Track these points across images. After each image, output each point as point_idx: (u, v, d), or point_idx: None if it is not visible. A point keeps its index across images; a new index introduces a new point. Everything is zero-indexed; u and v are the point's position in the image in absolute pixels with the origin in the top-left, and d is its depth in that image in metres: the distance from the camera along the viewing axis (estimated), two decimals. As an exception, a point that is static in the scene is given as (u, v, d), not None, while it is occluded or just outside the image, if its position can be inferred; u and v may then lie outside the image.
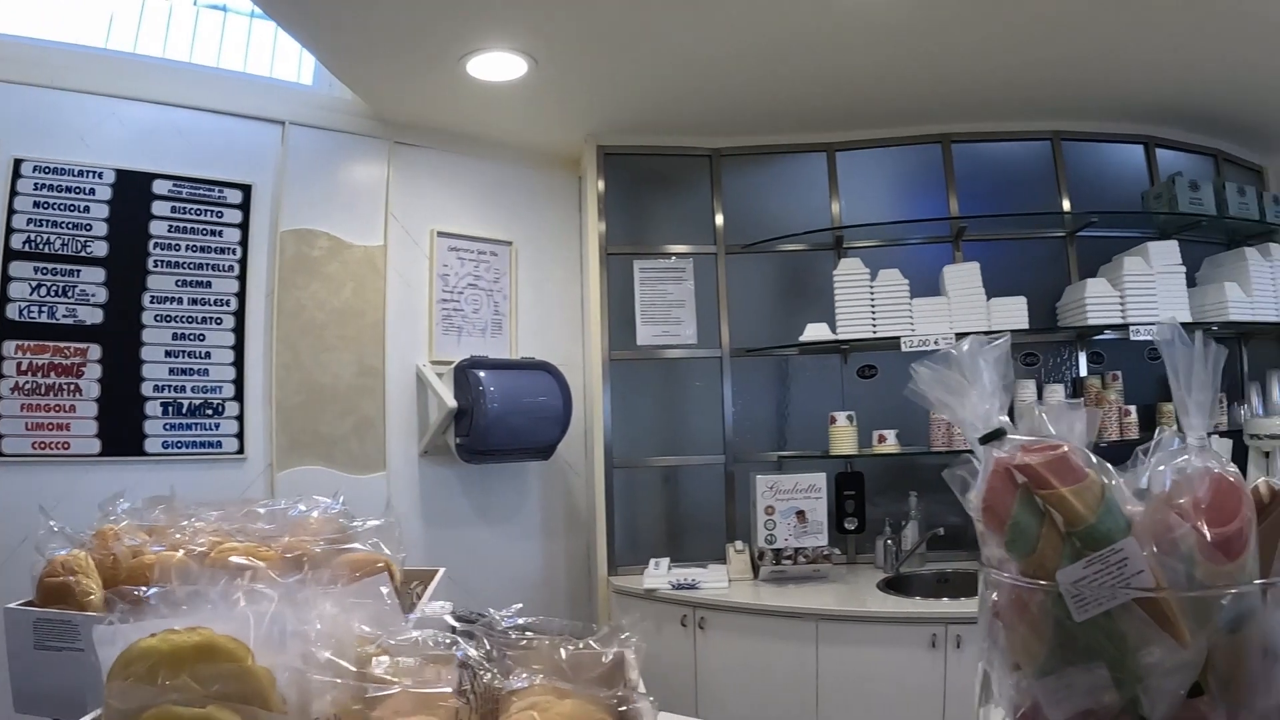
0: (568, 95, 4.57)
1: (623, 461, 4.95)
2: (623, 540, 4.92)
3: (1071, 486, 0.84)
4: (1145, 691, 0.81)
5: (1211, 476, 0.85)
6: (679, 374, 5.10)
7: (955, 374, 0.95)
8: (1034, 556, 0.85)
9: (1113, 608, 0.81)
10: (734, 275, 5.01)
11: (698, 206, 5.10)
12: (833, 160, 5.04)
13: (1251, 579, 0.83)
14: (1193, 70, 4.59)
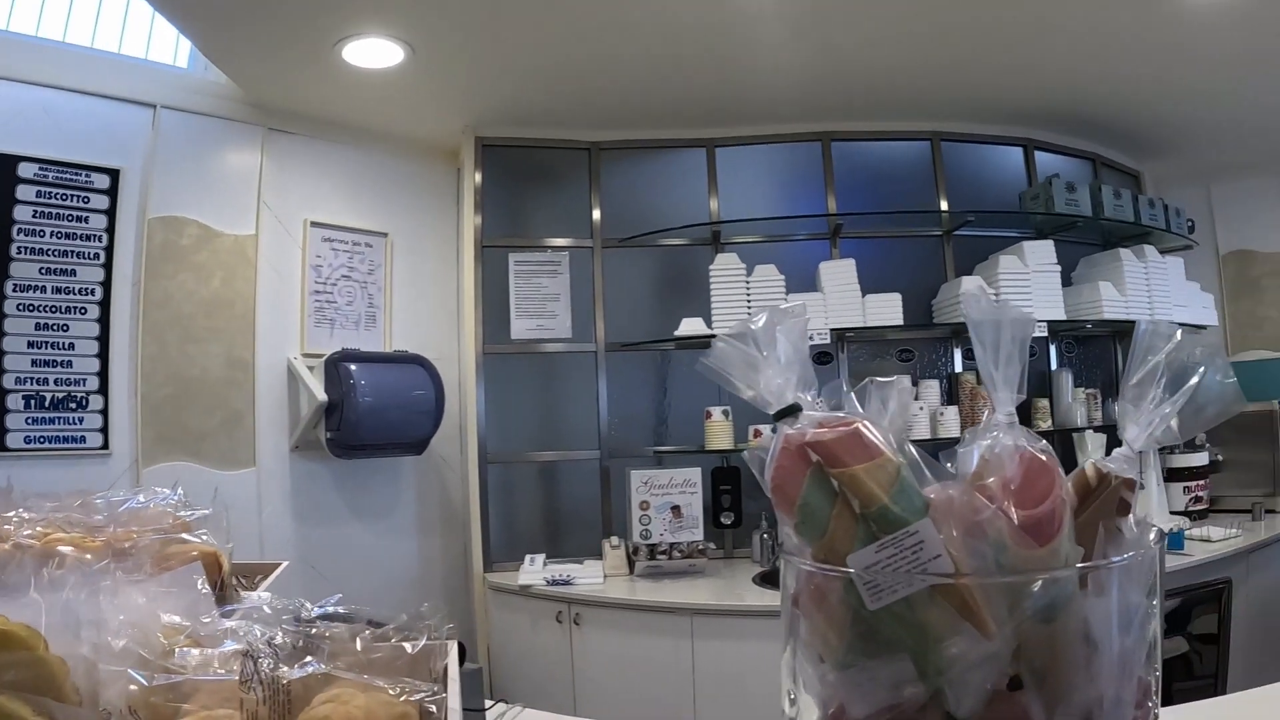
0: (446, 85, 4.49)
1: (498, 457, 4.87)
2: (499, 537, 4.84)
3: (864, 464, 0.78)
4: (949, 685, 0.76)
5: (1022, 456, 0.80)
6: (555, 368, 5.05)
7: (752, 349, 0.89)
8: (825, 540, 0.79)
9: (912, 596, 0.76)
10: (611, 270, 4.97)
11: (576, 200, 5.05)
12: (712, 156, 5.03)
13: (1067, 565, 0.78)
14: (1071, 77, 4.68)
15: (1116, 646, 0.78)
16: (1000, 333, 0.83)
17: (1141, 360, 0.89)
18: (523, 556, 4.62)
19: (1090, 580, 0.78)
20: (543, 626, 4.28)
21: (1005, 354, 0.83)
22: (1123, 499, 0.85)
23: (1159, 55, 4.52)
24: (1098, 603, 0.78)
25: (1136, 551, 0.81)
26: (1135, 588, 0.80)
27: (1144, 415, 0.88)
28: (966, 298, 0.88)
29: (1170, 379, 0.88)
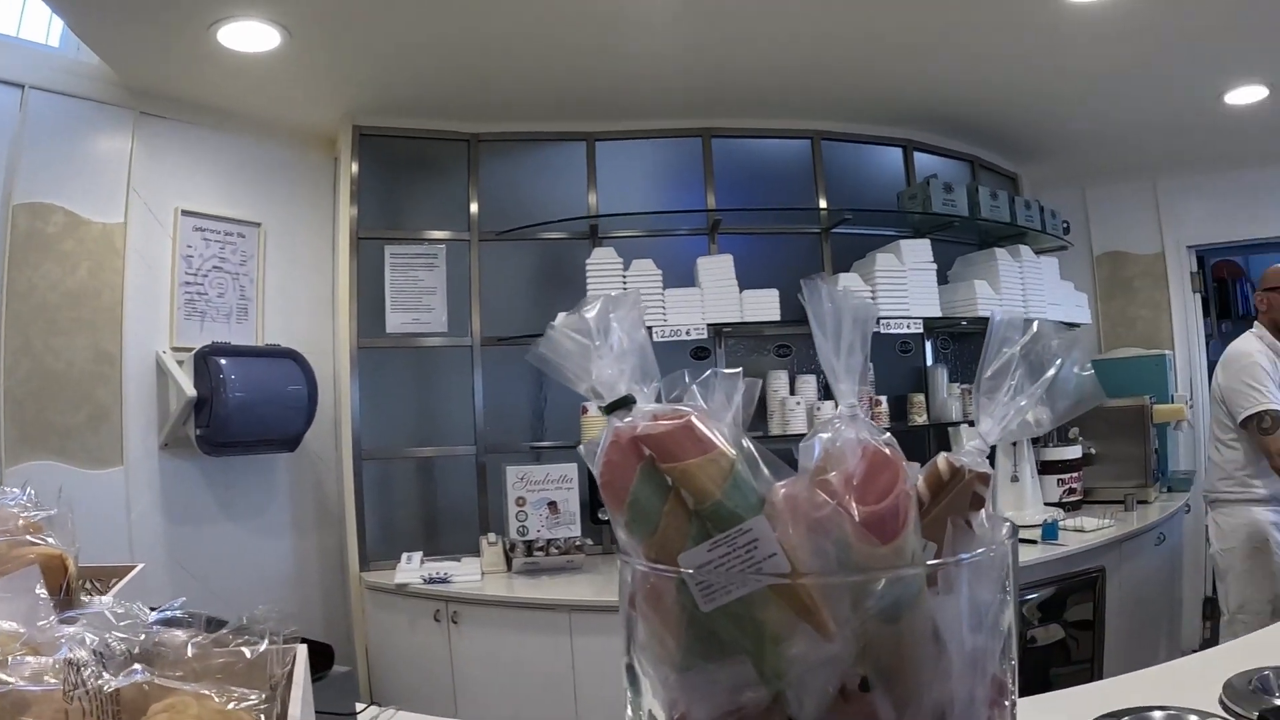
0: (323, 71, 4.37)
1: (373, 453, 4.77)
2: (376, 534, 4.74)
3: (697, 459, 0.74)
4: (790, 688, 0.72)
5: (864, 449, 0.76)
6: (431, 363, 4.97)
7: (583, 338, 0.84)
8: (656, 538, 0.75)
9: (748, 596, 0.72)
10: (488, 263, 4.89)
11: (454, 192, 4.96)
12: (592, 150, 4.99)
13: (913, 563, 0.75)
14: (950, 81, 4.77)
15: (968, 645, 0.75)
16: (841, 322, 0.80)
17: (997, 352, 0.87)
18: (400, 555, 4.52)
19: (939, 578, 0.75)
20: (421, 626, 4.20)
21: (847, 344, 0.80)
22: (976, 493, 0.82)
23: (1035, 62, 4.63)
24: (946, 601, 0.74)
25: (986, 548, 0.78)
26: (986, 584, 0.77)
27: (999, 408, 0.86)
28: (806, 286, 0.84)
29: (1027, 371, 0.86)
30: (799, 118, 5.09)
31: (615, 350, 0.82)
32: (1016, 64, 4.65)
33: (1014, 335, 0.88)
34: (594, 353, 0.82)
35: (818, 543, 0.72)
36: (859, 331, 0.80)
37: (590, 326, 0.83)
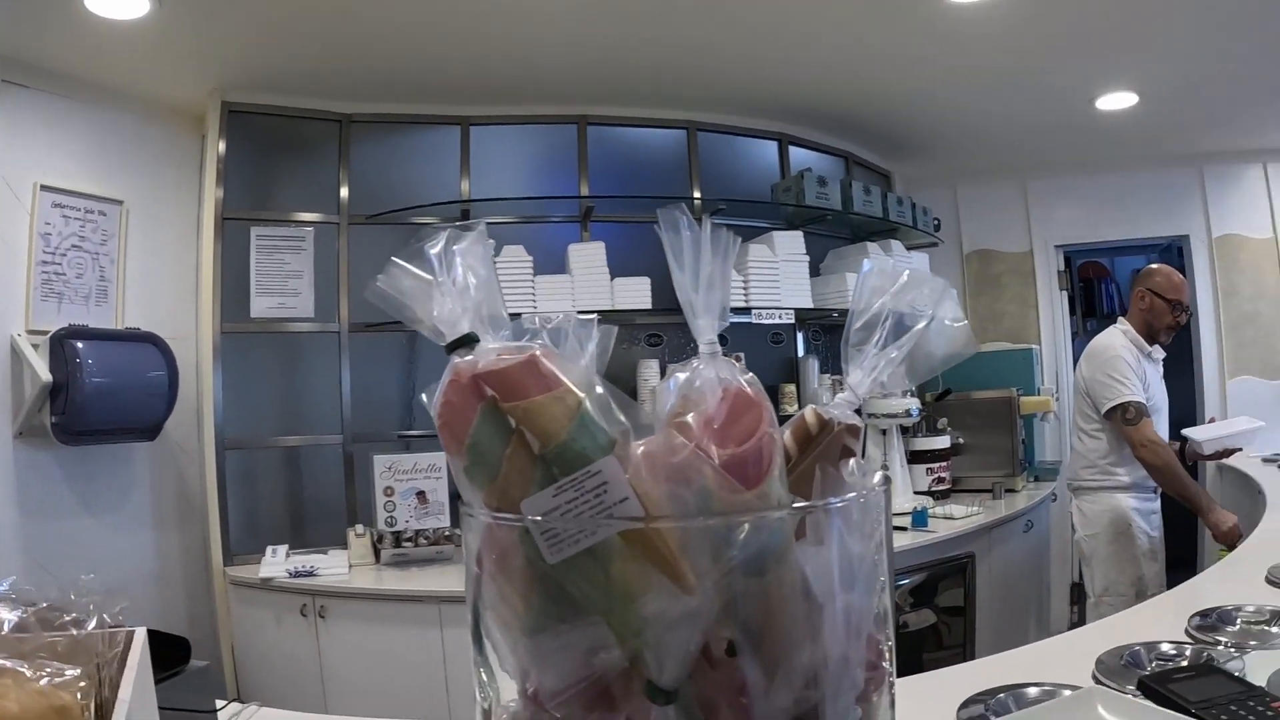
0: (194, 42, 4.18)
1: (236, 442, 4.63)
2: (241, 527, 4.60)
3: (541, 397, 0.69)
4: (647, 649, 0.67)
5: (726, 389, 0.72)
6: (297, 349, 4.84)
7: (424, 273, 0.80)
8: (498, 483, 0.69)
9: (598, 548, 0.67)
10: (358, 247, 4.78)
11: (324, 174, 4.83)
12: (467, 134, 4.91)
13: (800, 506, 0.72)
14: (826, 78, 4.83)
15: (840, 602, 0.71)
16: (699, 254, 0.76)
17: (867, 303, 0.84)
18: (265, 548, 4.39)
19: (808, 528, 0.71)
20: (287, 621, 4.09)
21: (706, 277, 0.76)
22: (846, 446, 0.80)
23: (911, 62, 4.71)
24: (816, 553, 0.70)
25: (856, 494, 0.75)
26: (858, 536, 0.73)
27: (868, 360, 0.83)
28: (663, 217, 0.80)
29: (897, 322, 0.84)
30: (675, 108, 5.11)
31: (458, 286, 0.78)
32: (892, 63, 4.72)
33: (884, 284, 0.86)
34: (436, 289, 0.78)
35: (674, 490, 0.69)
36: (720, 264, 0.76)
37: (433, 261, 0.79)
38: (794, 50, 4.50)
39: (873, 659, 0.76)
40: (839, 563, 0.71)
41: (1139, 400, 4.14)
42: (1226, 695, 1.40)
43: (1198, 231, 7.00)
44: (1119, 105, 5.54)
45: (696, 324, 0.76)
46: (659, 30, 4.20)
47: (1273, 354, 6.91)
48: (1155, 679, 1.52)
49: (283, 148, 4.91)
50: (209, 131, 4.74)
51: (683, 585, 0.66)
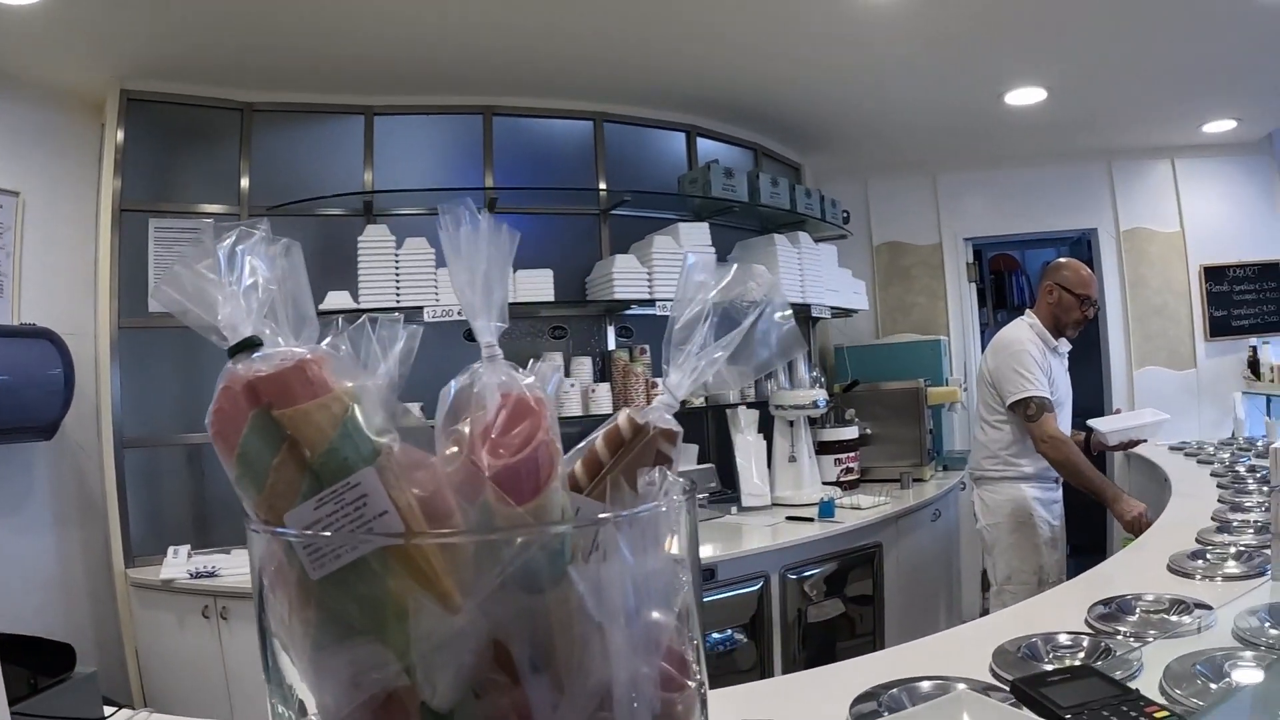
0: (93, 28, 4.04)
1: (136, 440, 4.51)
2: (142, 528, 4.47)
3: (307, 404, 0.66)
4: (419, 669, 0.64)
5: (505, 396, 0.70)
6: (198, 344, 4.67)
7: (209, 272, 0.74)
8: (264, 495, 0.67)
9: (363, 563, 0.63)
10: None
11: (225, 164, 4.72)
12: (370, 124, 4.84)
13: (575, 521, 0.70)
14: (735, 68, 4.82)
15: (630, 619, 0.67)
16: (476, 250, 0.73)
17: (689, 300, 0.81)
18: (167, 549, 4.30)
19: (601, 543, 0.67)
20: (190, 623, 3.99)
21: (485, 276, 0.73)
22: (661, 452, 0.76)
23: (820, 55, 4.73)
24: (602, 569, 0.67)
25: (636, 509, 0.71)
26: (651, 551, 0.69)
27: (689, 360, 0.79)
28: (442, 216, 0.76)
29: (721, 320, 0.80)
30: (582, 99, 5.08)
31: (244, 287, 0.74)
32: (801, 57, 4.73)
33: (707, 280, 0.82)
34: (220, 290, 0.73)
35: (462, 503, 0.66)
36: (499, 262, 0.74)
37: (220, 261, 0.74)
38: (703, 43, 4.50)
39: (676, 676, 0.73)
40: (629, 579, 0.67)
41: (1042, 396, 4.16)
42: (1100, 699, 1.38)
43: (1106, 225, 7.14)
44: (1027, 101, 5.60)
45: (475, 325, 0.74)
46: (566, 20, 4.16)
47: (1179, 345, 7.06)
48: (1028, 682, 1.50)
49: (183, 137, 4.78)
50: (108, 120, 4.62)
51: (447, 604, 0.63)
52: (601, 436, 0.78)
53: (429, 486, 0.66)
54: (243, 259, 0.75)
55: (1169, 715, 1.29)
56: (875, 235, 7.11)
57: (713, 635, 4.05)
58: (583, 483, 0.76)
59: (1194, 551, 2.80)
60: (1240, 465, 4.68)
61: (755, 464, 5.04)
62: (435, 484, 0.66)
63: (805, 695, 1.98)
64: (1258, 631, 1.92)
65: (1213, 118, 6.38)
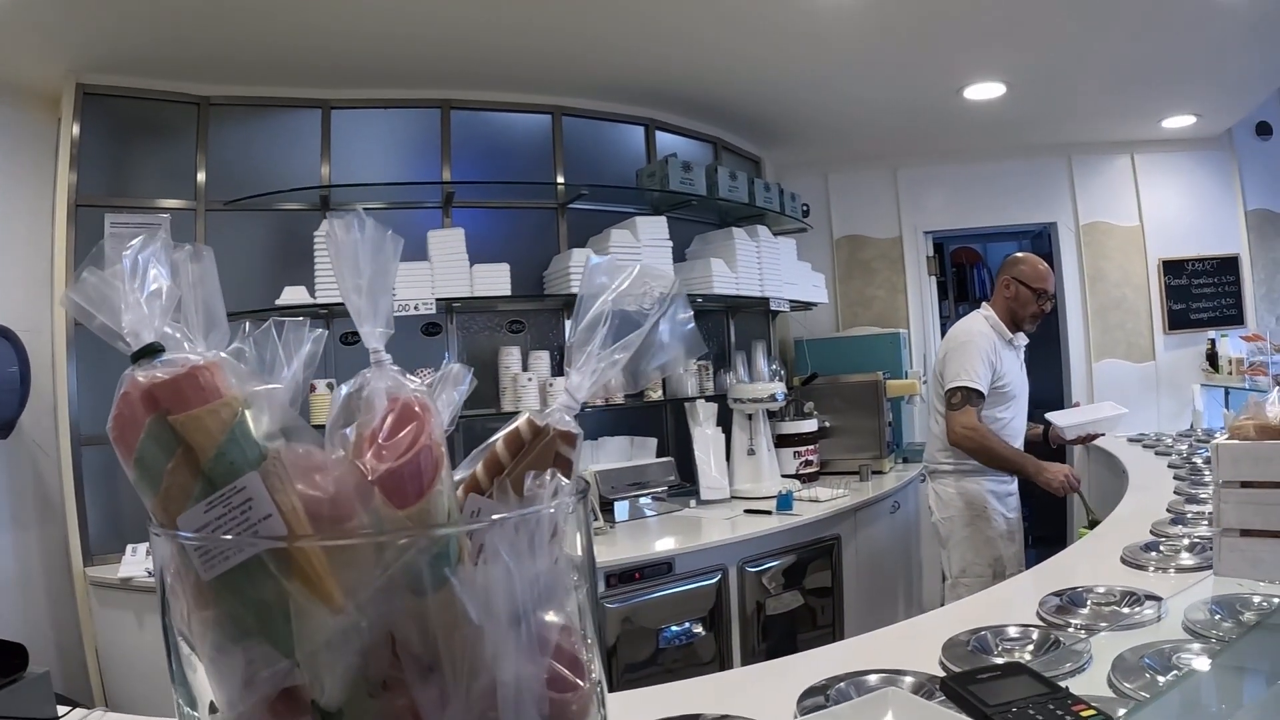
0: (49, 21, 4.00)
1: (94, 438, 4.45)
2: (101, 527, 4.43)
3: (198, 409, 0.67)
4: (306, 669, 0.66)
5: (392, 401, 0.71)
6: (155, 340, 4.68)
7: (114, 279, 0.76)
8: (159, 498, 0.68)
9: (252, 565, 0.65)
10: (216, 235, 4.62)
11: (182, 158, 4.67)
12: (328, 118, 4.80)
13: (452, 524, 0.71)
14: (694, 62, 4.83)
15: (514, 621, 0.68)
16: (359, 254, 0.74)
17: (590, 301, 0.81)
18: (126, 547, 4.25)
19: (483, 546, 0.69)
20: (149, 622, 3.94)
21: (370, 280, 0.74)
22: (560, 454, 0.77)
23: (780, 50, 4.74)
24: (483, 572, 0.68)
25: (516, 513, 0.70)
26: (537, 552, 0.70)
27: (589, 361, 0.80)
28: (329, 223, 0.76)
29: (622, 323, 0.81)
30: (540, 92, 5.07)
31: (147, 293, 0.75)
32: (761, 51, 4.74)
33: (607, 281, 0.83)
34: (124, 297, 0.75)
35: (328, 504, 0.67)
36: (383, 268, 0.74)
37: (125, 268, 0.76)
38: (662, 36, 4.50)
39: (567, 677, 0.74)
40: (512, 582, 0.68)
41: (972, 388, 4.16)
42: (1027, 697, 1.38)
43: (1066, 219, 7.20)
44: (987, 95, 5.64)
45: (363, 329, 0.74)
46: (524, 13, 4.15)
47: (1138, 337, 7.12)
48: (957, 679, 1.50)
49: (139, 131, 4.72)
50: (64, 115, 4.57)
51: (331, 605, 0.64)
52: (502, 438, 0.79)
53: (328, 489, 0.67)
54: (146, 265, 0.76)
55: (1096, 714, 1.30)
56: (835, 228, 7.14)
57: (671, 628, 4.06)
58: (484, 484, 0.77)
59: (1148, 543, 2.82)
60: (1197, 457, 4.71)
61: (714, 457, 5.05)
62: (333, 486, 0.67)
63: (756, 689, 1.99)
64: (1207, 624, 1.94)
65: (1172, 113, 6.43)
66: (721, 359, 5.66)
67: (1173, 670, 1.68)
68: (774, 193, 5.59)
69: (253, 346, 0.78)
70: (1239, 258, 7.07)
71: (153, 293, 0.74)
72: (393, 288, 0.75)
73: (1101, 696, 1.61)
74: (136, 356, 0.73)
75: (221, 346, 0.76)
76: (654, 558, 4.05)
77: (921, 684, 1.79)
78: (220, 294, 0.79)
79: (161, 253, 0.77)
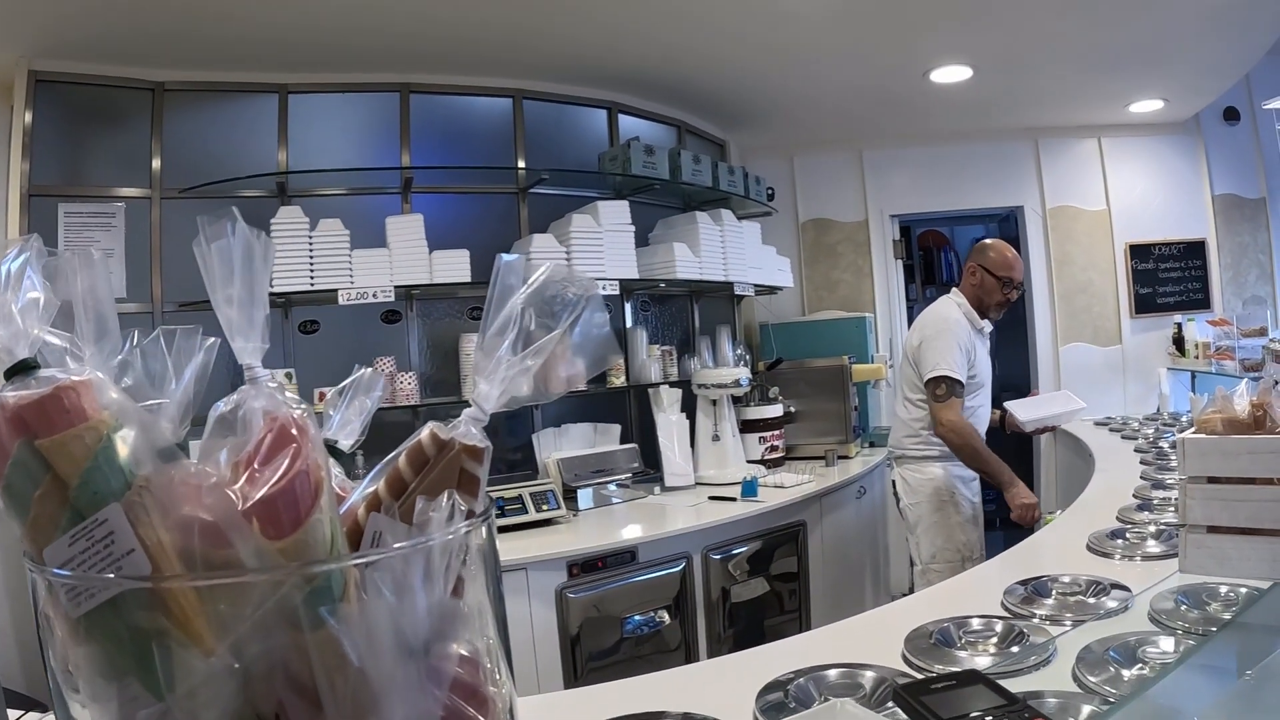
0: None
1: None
2: None
3: (62, 433, 0.62)
4: (184, 712, 0.61)
5: (269, 420, 0.66)
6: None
7: None
8: (28, 529, 0.63)
9: (121, 602, 0.60)
10: (172, 223, 4.52)
11: (137, 146, 4.57)
12: (285, 102, 4.71)
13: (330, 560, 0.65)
14: (656, 44, 4.79)
15: (402, 658, 0.64)
16: (231, 262, 0.70)
17: (500, 303, 0.76)
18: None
19: (372, 581, 0.64)
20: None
21: (240, 290, 0.70)
22: (465, 470, 0.73)
23: (744, 32, 4.69)
24: (367, 608, 0.64)
25: (406, 545, 0.66)
26: (432, 583, 0.65)
27: (499, 368, 0.75)
28: (201, 228, 0.73)
29: (534, 325, 0.76)
30: (501, 75, 5.00)
31: (21, 305, 0.69)
32: (724, 33, 4.69)
33: (516, 283, 0.78)
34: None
35: (195, 538, 0.62)
36: (257, 277, 0.71)
37: (3, 276, 0.70)
38: (624, 19, 4.44)
39: (467, 712, 0.69)
40: (401, 618, 0.64)
41: (956, 379, 4.13)
42: (982, 708, 1.34)
43: (1032, 202, 7.20)
44: (953, 78, 5.62)
45: (234, 345, 0.71)
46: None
47: (1104, 321, 7.14)
48: (910, 689, 1.44)
49: (93, 119, 4.61)
50: (15, 102, 4.47)
51: (202, 646, 0.60)
52: (405, 453, 0.74)
53: (197, 520, 0.62)
54: (21, 274, 0.70)
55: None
56: (801, 212, 7.10)
57: (635, 616, 4.04)
58: (386, 503, 0.72)
59: (1114, 530, 2.81)
60: (1164, 441, 4.74)
61: (678, 444, 5.02)
62: (203, 517, 0.62)
63: (717, 684, 1.97)
64: (1174, 614, 1.93)
65: (1140, 98, 6.43)
66: (686, 344, 5.62)
67: (1138, 664, 1.67)
68: (738, 176, 5.55)
69: (140, 358, 0.73)
70: (1206, 242, 7.10)
71: (28, 303, 0.69)
72: (266, 297, 0.71)
73: (1066, 691, 1.60)
74: (9, 374, 0.67)
75: (112, 357, 0.72)
76: (618, 546, 4.02)
77: (882, 680, 1.77)
78: (112, 300, 0.75)
79: (36, 260, 0.70)
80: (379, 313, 4.59)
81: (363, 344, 4.55)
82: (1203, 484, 2.20)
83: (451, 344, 4.74)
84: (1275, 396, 2.16)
